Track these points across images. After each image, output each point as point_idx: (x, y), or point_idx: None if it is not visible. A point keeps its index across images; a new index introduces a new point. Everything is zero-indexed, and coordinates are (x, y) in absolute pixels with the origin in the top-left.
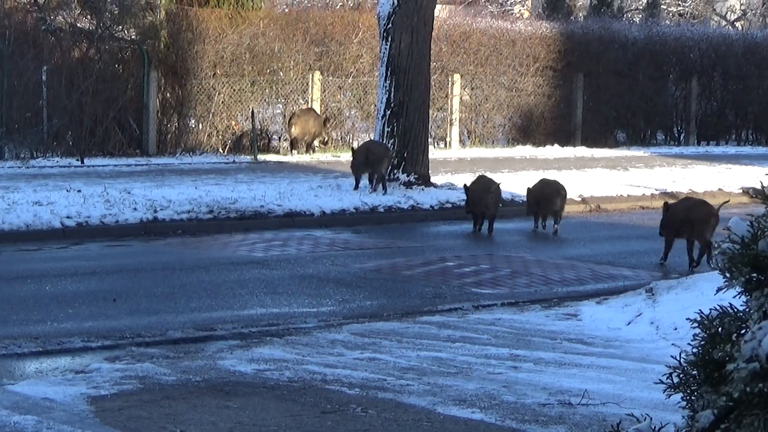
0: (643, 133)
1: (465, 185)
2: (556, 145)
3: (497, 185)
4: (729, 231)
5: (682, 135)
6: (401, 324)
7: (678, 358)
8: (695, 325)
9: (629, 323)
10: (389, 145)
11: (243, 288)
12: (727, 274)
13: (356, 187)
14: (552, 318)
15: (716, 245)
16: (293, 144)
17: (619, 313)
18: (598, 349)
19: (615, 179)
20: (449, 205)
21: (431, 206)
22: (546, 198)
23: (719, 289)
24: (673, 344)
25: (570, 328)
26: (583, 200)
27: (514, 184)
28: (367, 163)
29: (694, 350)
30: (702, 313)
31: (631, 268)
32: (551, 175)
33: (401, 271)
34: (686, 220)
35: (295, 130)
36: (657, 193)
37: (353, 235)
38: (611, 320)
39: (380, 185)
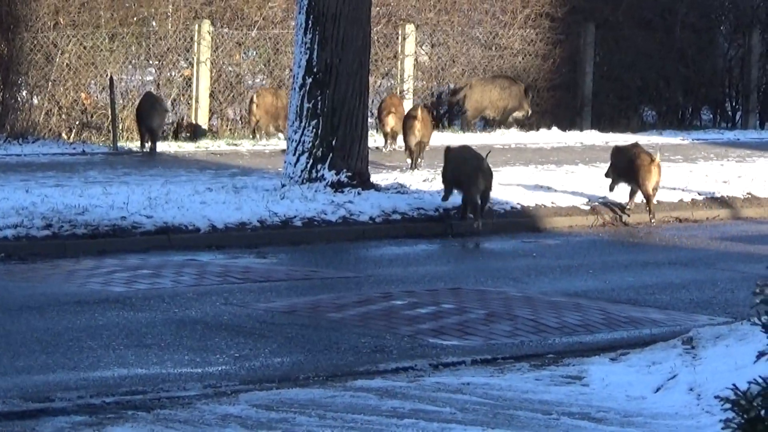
0: (681, 112)
1: None
2: (554, 129)
3: None
4: None
5: (738, 114)
6: (325, 392)
7: None
8: (727, 405)
9: (658, 390)
10: (312, 129)
11: (94, 338)
12: None
13: (141, 145)
14: (546, 382)
15: (758, 290)
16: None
17: (643, 374)
18: (612, 428)
19: None
20: (397, 216)
21: (371, 218)
22: (468, 173)
23: (761, 355)
24: (721, 421)
25: (572, 397)
26: (593, 209)
27: (493, 185)
28: (140, 118)
29: None
30: (737, 388)
31: (661, 308)
32: (546, 173)
33: (326, 314)
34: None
35: (467, 104)
36: (701, 198)
37: (257, 259)
38: (632, 386)
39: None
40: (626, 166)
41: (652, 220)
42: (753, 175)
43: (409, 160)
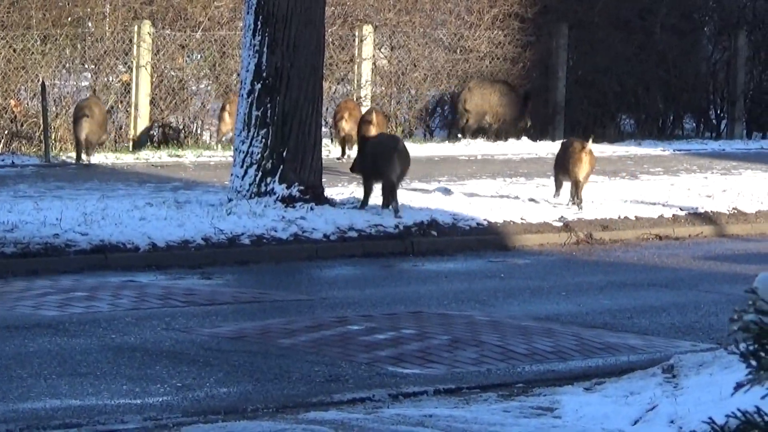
0: (662, 120)
1: None
2: (524, 138)
3: None
4: (754, 295)
5: (724, 122)
6: (275, 424)
7: None
8: None
9: (636, 422)
10: (261, 139)
11: (24, 366)
12: (752, 362)
13: (77, 156)
14: (515, 414)
15: (735, 316)
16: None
17: (620, 405)
18: None
19: (617, 192)
20: (354, 234)
21: (325, 235)
22: (380, 156)
23: (739, 387)
24: None
25: (543, 430)
26: (566, 226)
27: (458, 200)
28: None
29: None
30: (713, 422)
31: (639, 333)
32: (515, 187)
33: (276, 340)
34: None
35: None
36: (683, 213)
37: (201, 281)
38: (608, 418)
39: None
40: (561, 157)
41: (580, 206)
42: (739, 188)
43: None
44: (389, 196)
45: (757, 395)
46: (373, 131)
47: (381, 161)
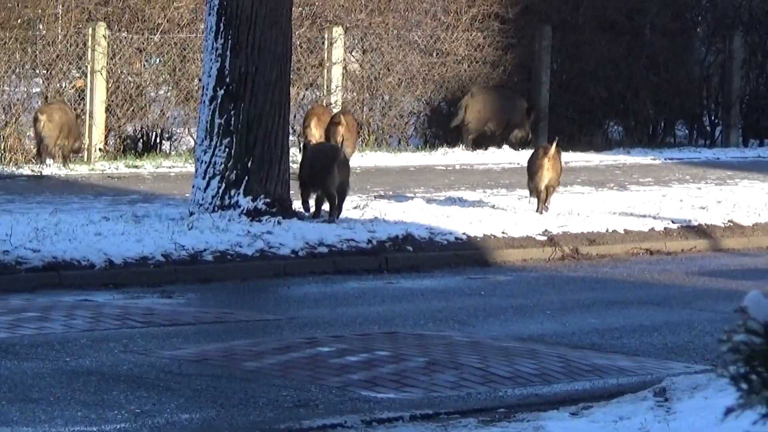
0: (652, 127)
1: None
2: (505, 147)
3: None
4: (744, 314)
5: (718, 129)
6: None
7: None
8: None
9: None
10: (224, 148)
11: None
12: (743, 386)
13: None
14: None
15: (725, 337)
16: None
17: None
18: None
19: (604, 204)
20: (324, 249)
21: (293, 251)
22: (324, 165)
23: (729, 411)
24: None
25: None
26: (551, 240)
27: (435, 212)
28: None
29: None
30: None
31: (629, 354)
32: (496, 198)
33: (242, 363)
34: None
35: (469, 116)
36: (675, 226)
37: (161, 300)
38: None
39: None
40: (529, 164)
41: (542, 212)
42: (735, 200)
43: None
44: (331, 205)
45: (751, 419)
46: (341, 131)
47: (320, 171)
